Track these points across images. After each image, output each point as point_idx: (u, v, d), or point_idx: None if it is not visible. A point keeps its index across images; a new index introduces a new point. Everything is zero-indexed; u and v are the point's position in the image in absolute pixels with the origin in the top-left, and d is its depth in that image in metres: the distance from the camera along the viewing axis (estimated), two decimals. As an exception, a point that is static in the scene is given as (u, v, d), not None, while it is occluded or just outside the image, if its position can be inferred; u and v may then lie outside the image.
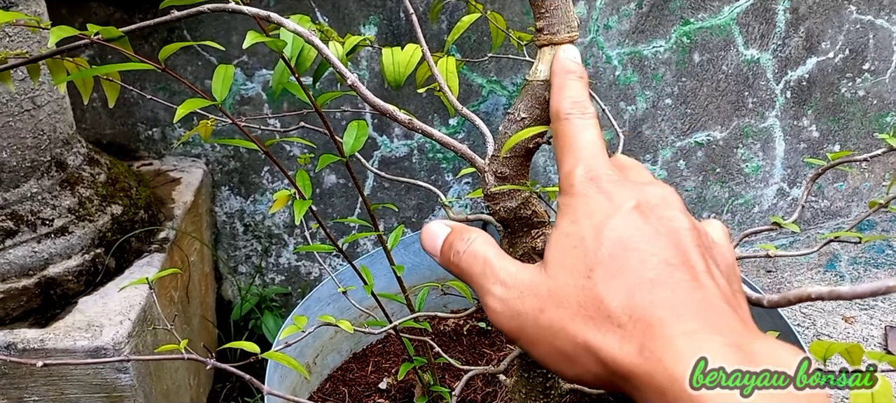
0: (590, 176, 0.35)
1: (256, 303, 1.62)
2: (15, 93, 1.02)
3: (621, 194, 0.33)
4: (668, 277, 0.30)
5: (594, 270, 0.31)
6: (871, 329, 1.54)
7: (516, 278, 0.34)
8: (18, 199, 1.06)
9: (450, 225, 0.40)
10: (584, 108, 0.39)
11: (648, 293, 0.30)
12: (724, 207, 1.84)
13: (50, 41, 0.50)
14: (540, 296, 0.33)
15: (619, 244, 0.31)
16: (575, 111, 0.38)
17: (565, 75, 0.42)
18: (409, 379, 1.11)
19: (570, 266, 0.32)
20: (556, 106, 0.40)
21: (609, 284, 0.31)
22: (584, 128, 0.37)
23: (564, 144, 0.37)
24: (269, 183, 1.58)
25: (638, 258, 0.31)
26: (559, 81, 0.41)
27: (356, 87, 0.58)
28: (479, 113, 1.56)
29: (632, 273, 0.30)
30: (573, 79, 0.41)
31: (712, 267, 0.32)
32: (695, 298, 0.30)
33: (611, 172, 0.35)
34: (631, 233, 0.32)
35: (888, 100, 1.81)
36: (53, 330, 1.01)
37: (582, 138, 0.37)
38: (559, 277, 0.32)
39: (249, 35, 0.59)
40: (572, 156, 0.36)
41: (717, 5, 1.58)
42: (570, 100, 0.39)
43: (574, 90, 0.40)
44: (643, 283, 0.30)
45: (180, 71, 1.44)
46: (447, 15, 1.46)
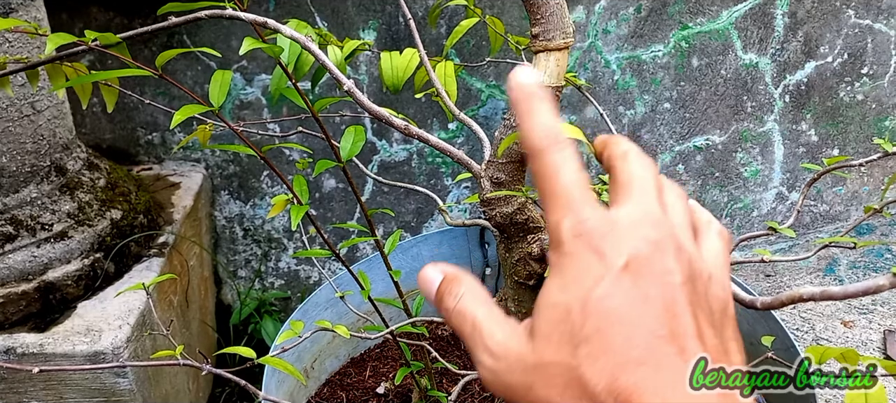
0: (578, 231, 0.32)
1: (256, 307, 1.62)
2: (15, 99, 1.03)
3: (613, 250, 0.31)
4: (651, 354, 0.30)
5: (579, 348, 0.30)
6: (870, 333, 1.54)
7: (505, 348, 0.33)
8: (18, 204, 1.07)
9: (442, 272, 0.38)
10: (557, 139, 0.34)
11: (632, 374, 0.29)
12: (723, 211, 1.84)
13: (47, 48, 0.50)
14: (527, 371, 0.32)
15: (606, 318, 0.30)
16: (549, 144, 0.34)
17: (528, 99, 0.36)
18: (406, 384, 1.11)
19: (557, 341, 0.31)
20: (525, 138, 0.35)
21: (594, 364, 0.30)
22: (562, 164, 0.34)
23: (545, 188, 0.34)
24: (268, 187, 1.58)
25: (624, 334, 0.30)
26: (523, 107, 0.36)
27: (352, 93, 0.59)
28: (477, 117, 1.57)
29: (616, 352, 0.30)
30: (539, 102, 0.36)
31: (703, 327, 0.32)
32: (680, 374, 0.29)
33: (600, 222, 0.32)
34: (618, 304, 0.30)
35: (887, 103, 1.81)
36: (53, 334, 1.01)
37: (563, 178, 0.33)
38: (546, 353, 0.31)
39: (246, 41, 0.60)
40: (557, 204, 0.33)
41: (716, 10, 1.59)
42: (542, 130, 0.35)
43: (543, 116, 0.35)
44: (628, 364, 0.29)
45: (180, 76, 1.45)
46: (446, 19, 1.47)
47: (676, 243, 0.33)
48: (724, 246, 0.38)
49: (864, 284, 0.41)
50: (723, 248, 0.37)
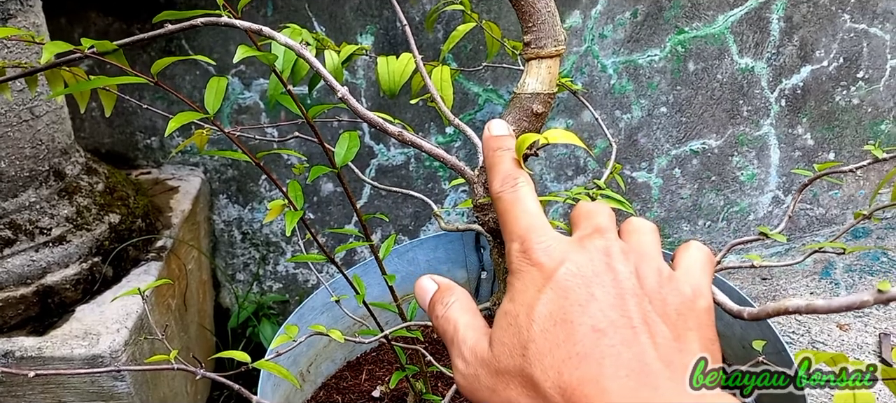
0: (522, 249, 0.35)
1: (254, 311, 1.63)
2: (13, 104, 1.04)
3: (552, 261, 0.34)
4: (594, 347, 0.31)
5: (527, 349, 0.32)
6: (866, 336, 1.55)
7: (473, 354, 0.35)
8: (17, 208, 1.07)
9: (437, 282, 0.41)
10: (513, 181, 0.39)
11: (576, 369, 0.31)
12: (719, 215, 1.84)
13: (43, 57, 0.50)
14: (491, 376, 0.34)
15: (549, 318, 0.32)
16: (505, 188, 0.39)
17: (493, 153, 0.42)
18: (401, 387, 1.11)
19: (509, 345, 0.33)
20: (490, 185, 0.40)
21: (541, 363, 0.32)
22: (514, 202, 0.38)
23: (502, 224, 0.38)
24: (266, 191, 1.59)
25: (566, 331, 0.31)
26: (490, 161, 0.42)
27: (346, 100, 0.59)
28: (475, 121, 1.57)
29: (560, 349, 0.31)
30: (501, 154, 0.41)
31: (650, 316, 0.33)
32: (623, 363, 0.30)
33: (543, 240, 0.35)
34: (560, 305, 0.32)
35: (882, 107, 1.82)
36: (51, 338, 1.02)
37: (513, 212, 0.37)
38: (502, 358, 0.33)
39: (240, 49, 0.60)
40: (507, 233, 0.37)
41: (712, 14, 1.60)
42: (501, 178, 0.40)
43: (504, 165, 0.40)
44: (571, 359, 0.31)
45: (178, 81, 1.45)
46: (443, 24, 1.48)
47: (622, 247, 0.35)
48: (704, 256, 0.39)
49: (849, 299, 0.42)
50: (701, 258, 0.39)
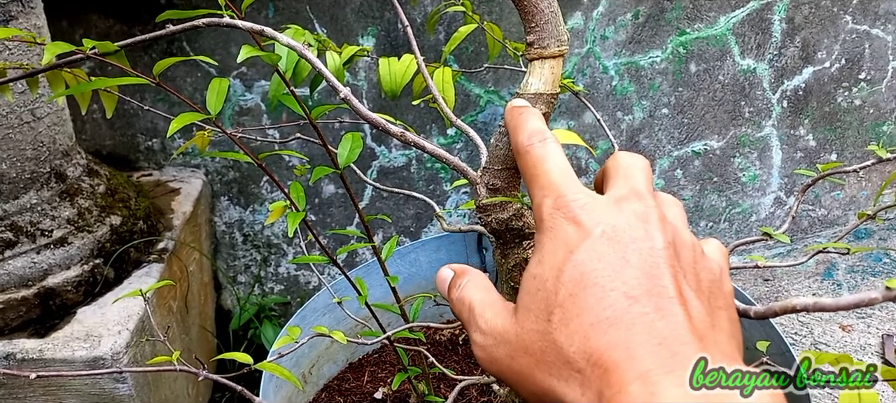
0: (556, 205, 0.33)
1: (255, 313, 1.62)
2: (15, 106, 1.03)
3: (591, 218, 0.32)
4: (625, 313, 0.29)
5: (553, 313, 0.31)
6: (869, 337, 1.54)
7: (491, 325, 0.35)
8: (18, 210, 1.07)
9: (453, 268, 0.40)
10: (541, 136, 0.38)
11: (604, 334, 0.29)
12: (721, 216, 1.84)
13: (45, 57, 0.50)
14: (510, 343, 0.33)
15: (579, 282, 0.31)
16: (534, 141, 0.37)
17: (518, 114, 0.41)
18: (404, 389, 1.11)
19: (535, 310, 0.32)
20: (515, 145, 0.39)
21: (567, 328, 0.30)
22: (544, 155, 0.36)
23: (530, 178, 0.36)
24: (268, 193, 1.59)
25: (596, 295, 0.30)
26: (514, 122, 0.41)
27: (349, 100, 0.59)
28: (476, 123, 1.57)
29: (588, 313, 0.30)
30: (527, 114, 0.40)
31: (685, 289, 0.31)
32: (655, 332, 0.29)
33: (580, 195, 0.33)
34: (592, 267, 0.31)
35: (884, 109, 1.82)
36: (52, 340, 1.02)
37: (546, 165, 0.36)
38: (525, 323, 0.32)
39: (244, 49, 0.60)
40: (538, 188, 0.35)
41: (713, 15, 1.59)
42: (527, 133, 0.38)
43: (531, 122, 0.39)
44: (599, 324, 0.29)
45: (180, 82, 1.45)
46: (445, 25, 1.48)
47: (661, 215, 0.33)
48: (723, 248, 0.39)
49: (857, 297, 0.42)
50: (722, 248, 0.39)
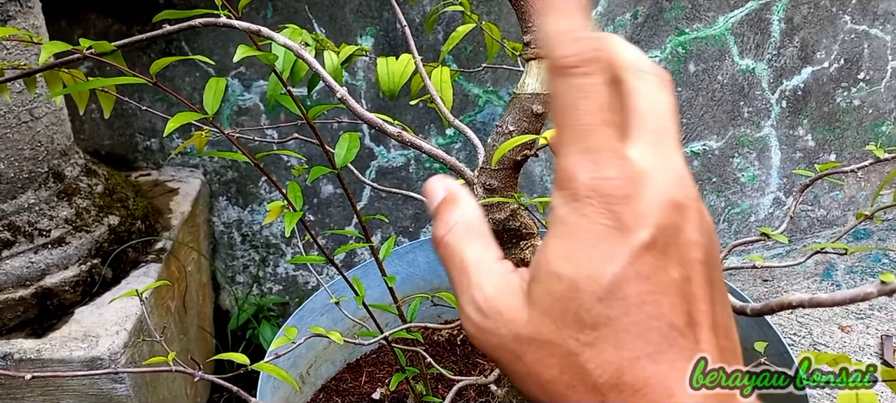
0: (597, 187, 0.27)
1: (254, 313, 1.62)
2: (13, 105, 1.03)
3: (636, 220, 0.27)
4: (669, 348, 0.26)
5: (584, 333, 0.26)
6: (868, 338, 1.54)
7: (492, 305, 0.29)
8: (16, 210, 1.07)
9: (445, 188, 0.33)
10: (590, 56, 0.27)
11: (643, 370, 0.26)
12: (720, 216, 1.84)
13: (42, 56, 0.50)
14: (519, 341, 0.28)
15: (620, 305, 0.26)
16: (579, 61, 0.27)
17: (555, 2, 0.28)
18: (402, 390, 1.11)
19: (559, 320, 0.27)
20: (550, 44, 0.28)
21: (599, 356, 0.26)
22: (590, 94, 0.27)
23: (565, 118, 0.27)
24: (266, 193, 1.59)
25: (640, 326, 0.26)
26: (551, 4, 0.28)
27: (346, 100, 0.59)
28: (475, 123, 1.57)
29: (628, 347, 0.26)
30: (567, 6, 0.28)
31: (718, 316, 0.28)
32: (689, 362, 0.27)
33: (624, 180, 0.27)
34: (637, 291, 0.26)
35: (883, 109, 1.82)
36: (50, 340, 1.01)
37: (589, 111, 0.27)
38: (543, 328, 0.27)
39: (240, 49, 0.60)
40: (576, 143, 0.27)
41: (712, 16, 1.59)
42: (574, 42, 0.27)
43: (572, 19, 0.27)
44: (639, 359, 0.26)
45: (178, 82, 1.45)
46: (443, 25, 1.47)
47: (699, 207, 0.28)
48: None
49: (853, 292, 0.42)
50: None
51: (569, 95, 0.27)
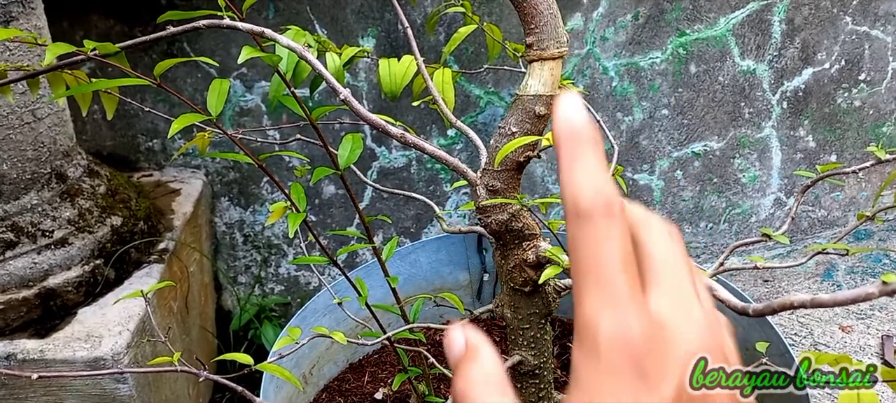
0: (621, 337, 0.26)
1: (256, 313, 1.62)
2: (15, 106, 1.04)
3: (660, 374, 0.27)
4: None
5: None
6: (868, 338, 1.54)
7: None
8: (19, 211, 1.07)
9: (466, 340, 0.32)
10: (609, 204, 0.28)
11: None
12: (721, 217, 1.84)
13: (46, 58, 0.51)
14: None
15: None
16: (598, 209, 0.28)
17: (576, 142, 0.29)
18: (404, 390, 1.11)
19: None
20: (569, 192, 0.28)
21: None
22: (611, 239, 0.27)
23: (584, 264, 0.28)
24: (268, 193, 1.59)
25: None
26: (568, 151, 0.29)
27: (348, 102, 0.59)
28: (477, 123, 1.58)
29: None
30: (588, 147, 0.29)
31: None
32: None
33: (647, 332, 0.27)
34: None
35: (884, 110, 1.82)
36: (53, 340, 1.02)
37: (609, 258, 0.27)
38: None
39: (244, 50, 0.61)
40: (596, 291, 0.27)
41: (713, 17, 1.60)
42: (592, 189, 0.28)
43: (593, 169, 0.28)
44: None
45: (180, 83, 1.45)
46: (445, 26, 1.48)
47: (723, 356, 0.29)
48: None
49: (854, 292, 0.42)
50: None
51: (590, 240, 0.28)
